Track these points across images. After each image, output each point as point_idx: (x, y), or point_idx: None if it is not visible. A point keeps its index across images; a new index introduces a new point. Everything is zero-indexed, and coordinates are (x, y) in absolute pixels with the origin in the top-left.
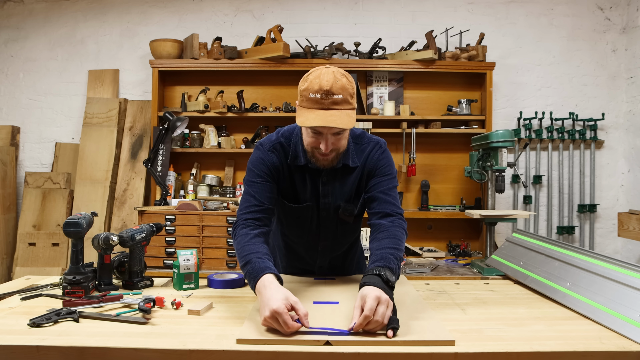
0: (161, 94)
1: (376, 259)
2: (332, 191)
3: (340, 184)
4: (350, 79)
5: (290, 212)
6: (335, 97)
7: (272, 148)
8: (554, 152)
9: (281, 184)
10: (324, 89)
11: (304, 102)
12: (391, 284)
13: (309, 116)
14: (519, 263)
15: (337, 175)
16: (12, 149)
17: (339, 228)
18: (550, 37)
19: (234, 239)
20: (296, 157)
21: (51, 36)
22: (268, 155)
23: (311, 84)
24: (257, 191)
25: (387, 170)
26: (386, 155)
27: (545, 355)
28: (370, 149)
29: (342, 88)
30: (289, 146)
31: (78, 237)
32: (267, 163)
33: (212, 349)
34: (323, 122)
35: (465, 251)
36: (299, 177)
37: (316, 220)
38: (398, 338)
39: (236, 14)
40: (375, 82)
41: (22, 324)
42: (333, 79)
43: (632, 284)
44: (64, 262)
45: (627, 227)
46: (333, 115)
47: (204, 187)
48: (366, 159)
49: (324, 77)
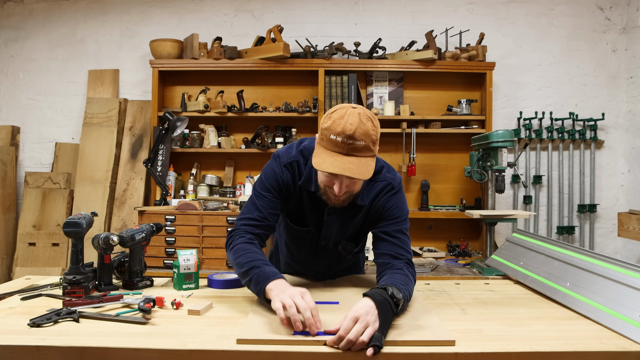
0: (161, 94)
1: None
2: (335, 224)
3: (344, 219)
4: (376, 122)
5: (291, 231)
6: (357, 144)
7: (288, 164)
8: (554, 152)
9: (289, 202)
10: (346, 133)
11: (324, 142)
12: (395, 300)
13: (326, 159)
14: (519, 263)
15: (345, 211)
16: (12, 149)
17: (335, 259)
18: (550, 37)
19: (231, 245)
20: (308, 182)
21: (51, 36)
22: (282, 172)
23: (334, 124)
24: (264, 205)
25: (396, 213)
26: (397, 196)
27: (545, 355)
28: (381, 189)
29: (365, 134)
30: (305, 167)
31: (78, 237)
32: (279, 180)
33: (212, 349)
34: (340, 170)
35: (465, 251)
36: (306, 201)
37: (315, 246)
38: (398, 338)
39: (236, 14)
40: (375, 82)
41: (22, 324)
42: (357, 123)
43: (632, 284)
44: (64, 262)
45: (627, 227)
46: (351, 163)
47: (204, 187)
48: (374, 199)
49: (348, 119)
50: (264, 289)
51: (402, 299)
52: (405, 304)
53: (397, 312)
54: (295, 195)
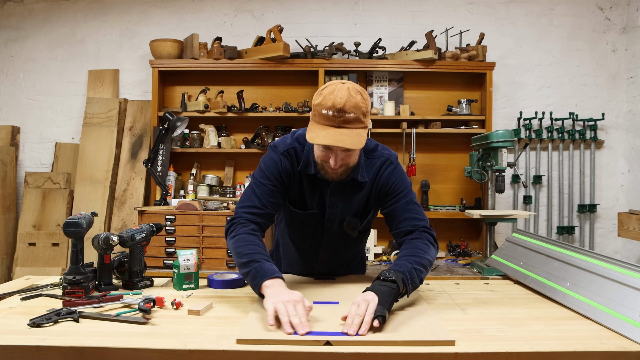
0: (161, 94)
1: (394, 266)
2: (338, 203)
3: (347, 197)
4: (366, 96)
5: (295, 218)
6: (348, 116)
7: (285, 152)
8: (554, 152)
9: (290, 190)
10: (336, 107)
11: (316, 117)
12: (390, 281)
13: (319, 133)
14: (519, 263)
15: (346, 188)
16: (12, 149)
17: (342, 241)
18: (550, 37)
19: (233, 233)
20: (307, 166)
21: (51, 36)
22: (281, 161)
23: (325, 100)
24: (263, 194)
25: (400, 187)
26: (397, 170)
27: (545, 355)
28: (380, 165)
29: (355, 106)
30: (302, 152)
31: (78, 237)
32: (279, 168)
33: (212, 349)
34: (332, 141)
35: (465, 251)
36: (307, 185)
37: (320, 229)
38: (398, 338)
39: (236, 14)
40: (375, 82)
41: (22, 324)
42: (347, 97)
43: (632, 284)
44: (64, 262)
45: (627, 227)
46: (343, 135)
47: (204, 187)
48: (376, 176)
49: (338, 94)
50: (261, 284)
51: (399, 274)
52: (412, 274)
53: (399, 287)
54: (295, 181)
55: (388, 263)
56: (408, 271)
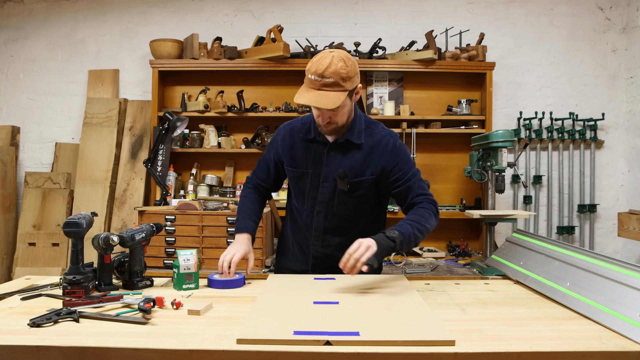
0: (161, 94)
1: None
2: (334, 162)
3: (342, 156)
4: (350, 62)
5: (295, 179)
6: (326, 80)
7: (283, 127)
8: (554, 152)
9: (290, 155)
10: (318, 72)
11: (305, 80)
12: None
13: (303, 94)
14: (519, 263)
15: (341, 148)
16: (12, 149)
17: (336, 199)
18: (550, 37)
19: (242, 191)
20: (308, 132)
21: (51, 36)
22: (279, 136)
23: (312, 66)
24: (269, 170)
25: (404, 166)
26: (403, 149)
27: (545, 355)
28: (382, 137)
29: (334, 72)
30: (303, 124)
31: (78, 237)
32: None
33: (212, 349)
34: (309, 101)
35: (465, 251)
36: (308, 149)
37: (317, 187)
38: (398, 338)
39: (236, 14)
40: (375, 82)
41: (22, 324)
42: (328, 64)
43: (632, 284)
44: (64, 262)
45: (627, 227)
46: (320, 96)
47: (204, 187)
48: (379, 141)
49: (322, 61)
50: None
51: (400, 236)
52: (410, 237)
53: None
54: (297, 146)
55: (388, 263)
56: (408, 234)
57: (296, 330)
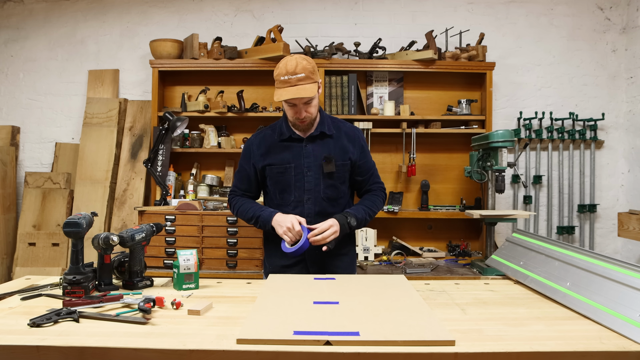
0: (161, 94)
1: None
2: (313, 152)
3: (320, 146)
4: (310, 60)
5: (277, 177)
6: (299, 76)
7: (254, 136)
8: (554, 152)
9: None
10: (289, 71)
11: (278, 84)
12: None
13: (282, 93)
14: (519, 263)
15: (316, 140)
16: (12, 149)
17: (322, 184)
18: (550, 37)
19: (234, 204)
20: (282, 134)
21: (51, 36)
22: (250, 144)
23: (280, 70)
24: (250, 180)
25: (368, 154)
26: (365, 139)
27: (545, 355)
28: (348, 129)
29: (303, 68)
30: (274, 127)
31: (78, 237)
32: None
33: (212, 349)
34: (293, 94)
35: (465, 251)
36: (285, 146)
37: (302, 178)
38: (398, 338)
39: (236, 14)
40: (375, 82)
41: (22, 324)
42: (295, 63)
43: (632, 284)
44: (64, 262)
45: (627, 227)
46: (299, 89)
47: (204, 187)
48: (347, 133)
49: (288, 63)
50: (270, 227)
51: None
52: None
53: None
54: (274, 148)
55: (388, 263)
56: (361, 218)
57: (296, 330)
